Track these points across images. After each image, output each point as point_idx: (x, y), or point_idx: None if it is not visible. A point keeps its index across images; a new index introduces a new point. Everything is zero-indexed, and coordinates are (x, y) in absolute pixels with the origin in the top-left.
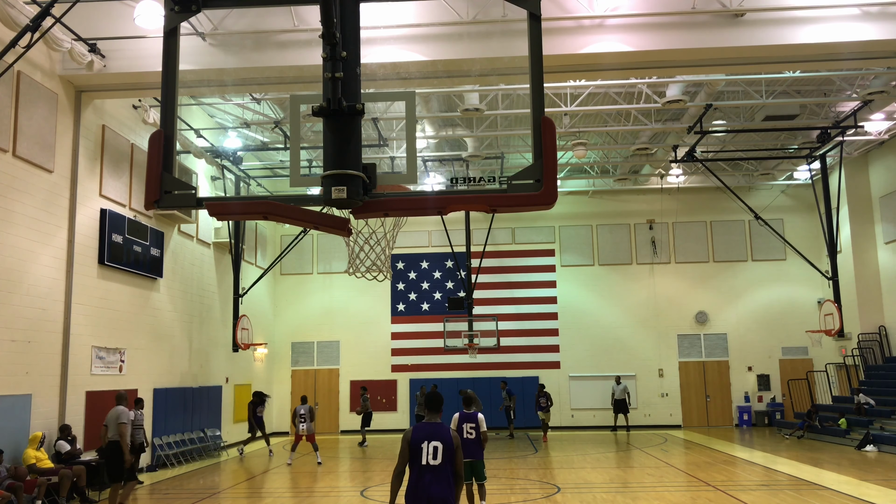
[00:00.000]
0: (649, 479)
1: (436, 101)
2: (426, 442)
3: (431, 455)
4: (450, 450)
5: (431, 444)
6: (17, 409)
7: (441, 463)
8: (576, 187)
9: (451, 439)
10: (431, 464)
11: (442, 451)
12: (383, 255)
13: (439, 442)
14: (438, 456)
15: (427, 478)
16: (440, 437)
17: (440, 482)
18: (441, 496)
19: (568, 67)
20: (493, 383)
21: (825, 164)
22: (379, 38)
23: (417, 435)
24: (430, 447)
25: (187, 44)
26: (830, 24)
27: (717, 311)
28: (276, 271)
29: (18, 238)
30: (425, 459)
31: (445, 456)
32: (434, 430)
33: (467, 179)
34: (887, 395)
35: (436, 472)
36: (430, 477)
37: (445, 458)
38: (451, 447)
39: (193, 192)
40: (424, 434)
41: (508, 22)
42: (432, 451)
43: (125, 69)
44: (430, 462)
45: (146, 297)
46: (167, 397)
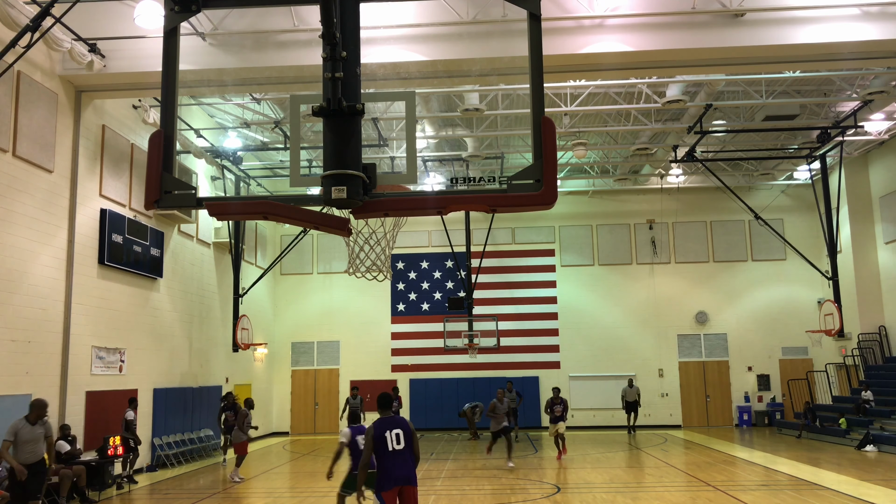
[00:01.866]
0: (649, 479)
1: (436, 101)
2: (389, 431)
3: (395, 441)
4: (409, 435)
5: (394, 432)
6: (17, 409)
7: (404, 447)
8: (576, 187)
9: (409, 426)
10: (396, 448)
11: (404, 437)
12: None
13: (400, 429)
14: (402, 441)
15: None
16: (400, 425)
17: (405, 463)
18: (405, 475)
19: (568, 67)
20: (494, 383)
21: (825, 164)
22: (379, 38)
23: (380, 428)
24: (392, 435)
25: (187, 44)
26: (830, 24)
27: (717, 311)
28: (276, 271)
29: (18, 238)
30: (391, 446)
31: (406, 440)
32: (393, 421)
33: (467, 179)
34: (887, 395)
35: (400, 455)
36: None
37: (406, 442)
38: (410, 432)
39: (193, 192)
40: (386, 426)
41: (508, 22)
42: (395, 437)
43: (125, 69)
44: (395, 447)
45: (146, 297)
46: (167, 397)
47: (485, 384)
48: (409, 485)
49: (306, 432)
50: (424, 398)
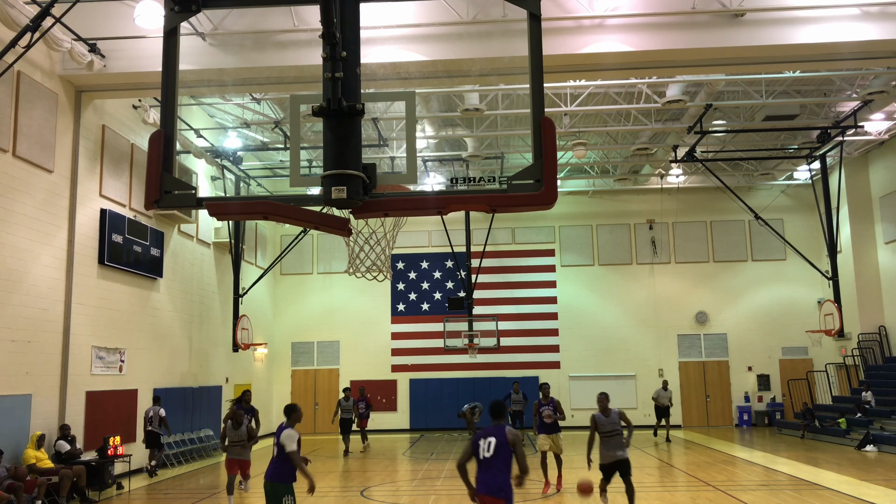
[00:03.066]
0: (649, 479)
1: (436, 101)
2: (484, 439)
3: (486, 449)
4: (501, 444)
5: (488, 440)
6: (17, 409)
7: (491, 456)
8: (576, 187)
9: (506, 435)
10: (485, 457)
11: (495, 446)
12: (383, 255)
13: (494, 437)
14: (491, 449)
15: (479, 469)
16: (495, 433)
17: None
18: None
19: (568, 67)
20: (494, 383)
21: (825, 164)
22: (379, 38)
23: (478, 435)
24: (485, 443)
25: (187, 44)
26: (830, 24)
27: (717, 311)
28: (276, 271)
29: (18, 238)
30: (482, 454)
31: (496, 450)
32: (494, 429)
33: (467, 179)
34: (887, 395)
35: (486, 463)
36: (482, 469)
37: (496, 451)
38: (504, 441)
39: (193, 192)
40: (483, 434)
41: (508, 22)
42: (487, 445)
43: (125, 69)
44: (484, 455)
45: (146, 297)
46: (167, 397)
47: (485, 384)
48: (489, 495)
49: (306, 432)
50: (424, 398)
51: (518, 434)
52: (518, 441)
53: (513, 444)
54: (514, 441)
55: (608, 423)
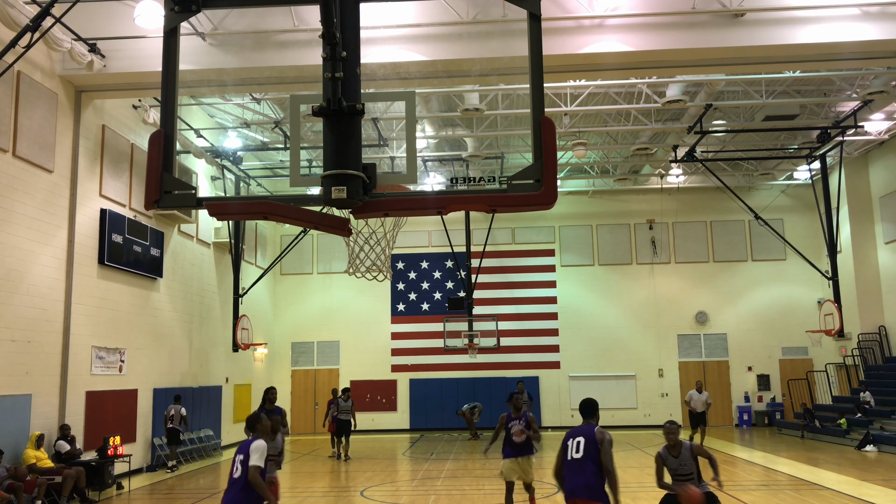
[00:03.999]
0: (649, 479)
1: (436, 101)
2: (572, 438)
3: (574, 449)
4: (590, 443)
5: (576, 440)
6: (17, 409)
7: (582, 456)
8: (576, 187)
9: (594, 434)
10: (574, 457)
11: (584, 445)
12: (383, 255)
13: (582, 437)
14: (580, 450)
15: (568, 471)
16: (584, 433)
17: (576, 474)
18: (572, 487)
19: (568, 67)
20: (494, 383)
21: (825, 164)
22: (379, 38)
23: (567, 435)
24: (573, 443)
25: (187, 44)
26: (830, 24)
27: (717, 311)
28: (276, 271)
29: (18, 238)
30: (570, 454)
31: (586, 450)
32: (582, 428)
33: (467, 179)
34: (887, 395)
35: (575, 464)
36: (570, 470)
37: (586, 451)
38: (593, 440)
39: (193, 192)
40: (572, 433)
41: (508, 22)
42: (575, 445)
43: (125, 69)
44: (573, 456)
45: (146, 297)
46: (167, 397)
47: (485, 384)
48: (579, 498)
49: (306, 432)
50: (424, 398)
51: (608, 434)
52: (606, 441)
53: (600, 442)
54: (601, 440)
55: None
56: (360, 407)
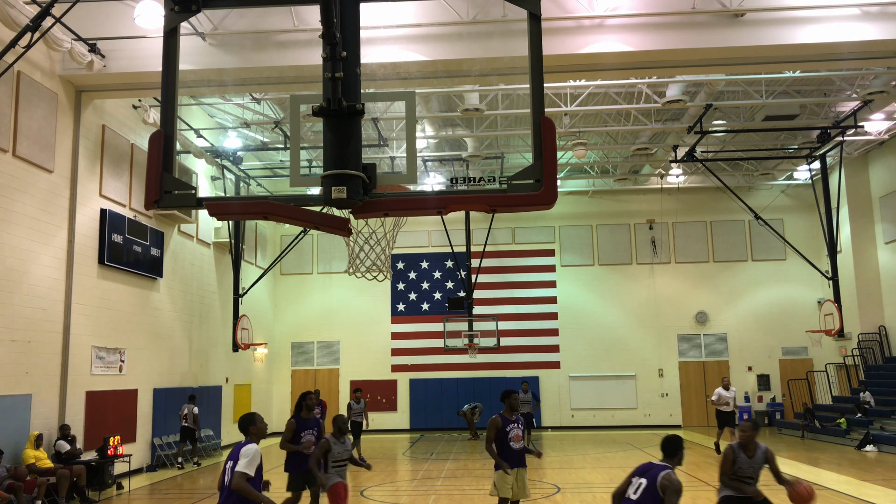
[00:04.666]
0: None
1: (436, 101)
2: (636, 476)
3: (634, 489)
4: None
5: (639, 480)
6: (17, 409)
7: (638, 500)
8: (576, 187)
9: (655, 479)
10: (631, 497)
11: (644, 489)
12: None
13: (645, 479)
14: (639, 492)
15: None
16: (649, 474)
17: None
18: None
19: (568, 67)
20: (494, 383)
21: (825, 164)
22: (379, 38)
23: (636, 470)
24: (636, 482)
25: (187, 44)
26: (830, 24)
27: (717, 311)
28: (276, 271)
29: (18, 238)
30: (629, 492)
31: (645, 495)
32: (648, 468)
33: (467, 179)
34: (887, 395)
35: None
36: None
37: (644, 497)
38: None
39: (193, 192)
40: (640, 470)
41: (508, 22)
42: (637, 486)
43: (125, 69)
44: (630, 496)
45: (146, 297)
46: (167, 397)
47: (485, 384)
48: None
49: None
50: (424, 398)
51: (675, 484)
52: (671, 491)
53: (662, 490)
54: (664, 488)
55: (751, 466)
56: None
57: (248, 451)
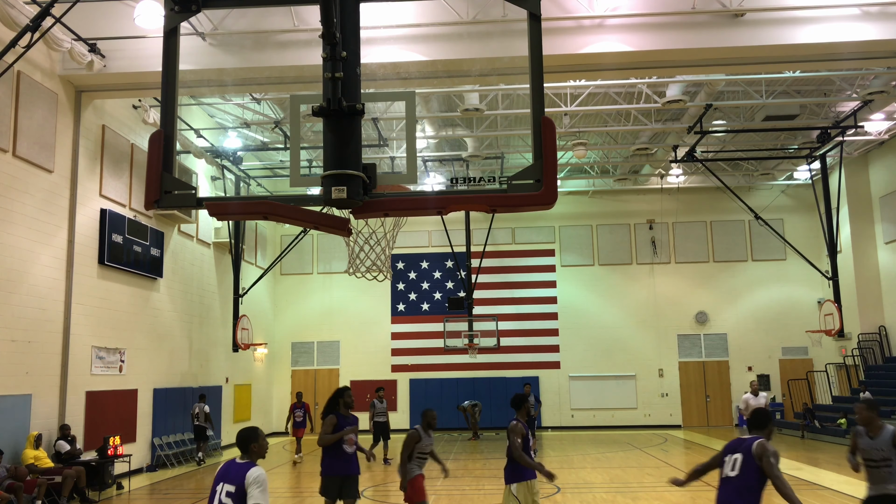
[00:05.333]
0: (649, 479)
1: (436, 101)
2: (729, 454)
3: (730, 467)
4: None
5: (732, 457)
6: (17, 409)
7: (738, 475)
8: (576, 187)
9: (750, 450)
10: (730, 475)
11: (741, 463)
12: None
13: (740, 454)
14: (736, 468)
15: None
16: (742, 448)
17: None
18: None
19: (568, 67)
20: (494, 383)
21: (825, 164)
22: (379, 38)
23: (726, 448)
24: (730, 459)
25: (187, 44)
26: (830, 24)
27: (717, 311)
28: (276, 271)
29: (18, 238)
30: (725, 471)
31: (743, 468)
32: (739, 443)
33: (467, 179)
34: (887, 395)
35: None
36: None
37: (743, 470)
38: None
39: (193, 192)
40: (730, 447)
41: (508, 22)
42: (732, 463)
43: (125, 69)
44: (728, 473)
45: (146, 297)
46: (167, 397)
47: (485, 384)
48: None
49: (307, 432)
50: (424, 398)
51: (771, 449)
52: (769, 454)
53: (758, 458)
54: (760, 455)
55: (874, 448)
56: (360, 407)
57: (261, 479)
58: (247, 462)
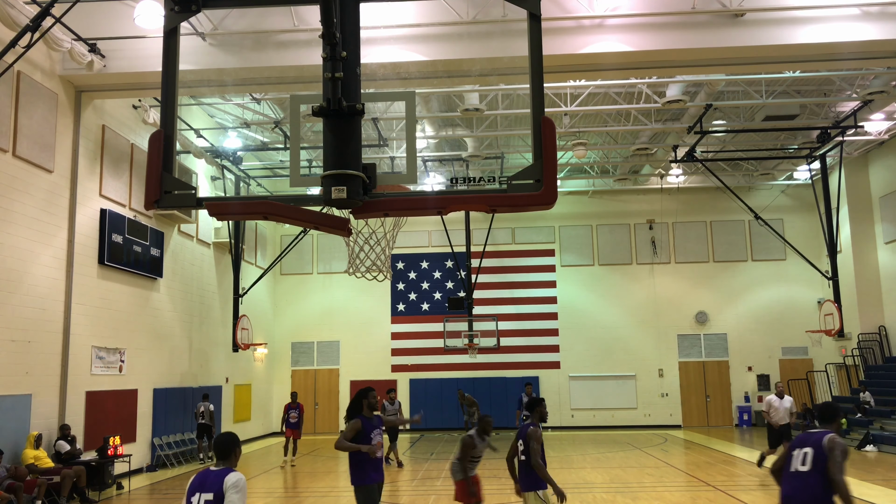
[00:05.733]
0: (649, 479)
1: (436, 101)
2: (798, 449)
3: (800, 461)
4: (818, 455)
5: (802, 451)
6: (17, 409)
7: (809, 470)
8: (576, 187)
9: (820, 444)
10: (800, 470)
11: (812, 458)
12: (383, 255)
13: (810, 448)
14: (807, 462)
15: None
16: (811, 442)
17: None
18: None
19: (568, 67)
20: (494, 383)
21: (825, 164)
22: (379, 38)
23: (794, 442)
24: (800, 454)
25: (187, 44)
26: (830, 24)
27: (717, 311)
28: (276, 271)
29: (18, 238)
30: (793, 465)
31: (814, 462)
32: (808, 437)
33: (467, 179)
34: (887, 395)
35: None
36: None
37: (814, 465)
38: (821, 451)
39: (193, 192)
40: (798, 441)
41: (508, 22)
42: (801, 457)
43: (125, 69)
44: (798, 468)
45: (146, 297)
46: (167, 397)
47: (485, 384)
48: None
49: (306, 432)
50: (424, 398)
51: (841, 443)
52: (839, 450)
53: (829, 451)
54: (830, 449)
55: None
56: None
57: (240, 484)
58: (224, 468)
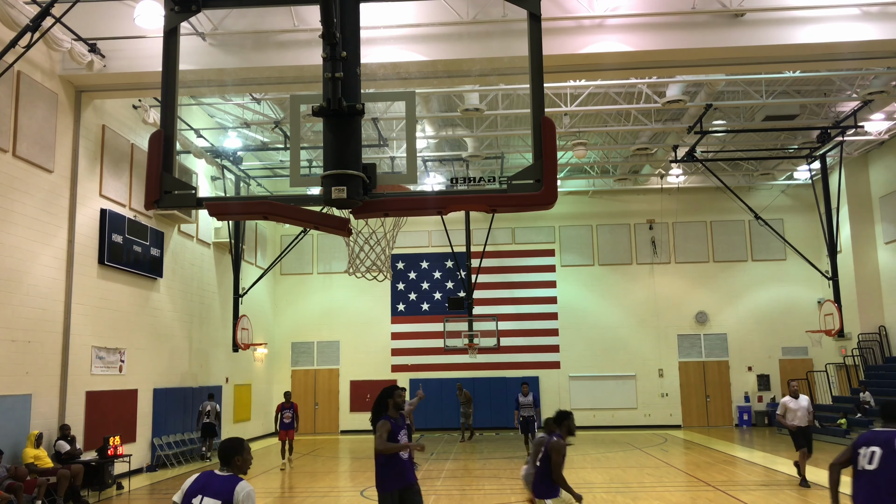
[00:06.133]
0: (649, 479)
1: (436, 101)
2: (864, 446)
3: (867, 460)
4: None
5: (869, 449)
6: (17, 409)
7: (877, 468)
8: (576, 187)
9: (891, 444)
10: (867, 468)
11: (881, 457)
12: (383, 255)
13: (878, 447)
14: (875, 461)
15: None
16: (879, 440)
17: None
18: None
19: (568, 67)
20: (494, 383)
21: (825, 164)
22: (379, 38)
23: (859, 439)
24: (867, 452)
25: (187, 44)
26: (830, 24)
27: (717, 311)
28: (276, 271)
29: (18, 238)
30: (861, 464)
31: (883, 461)
32: (875, 435)
33: (467, 179)
34: (887, 395)
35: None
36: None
37: (883, 463)
38: (892, 451)
39: (193, 192)
40: (864, 440)
41: (508, 22)
42: (869, 455)
43: (125, 69)
44: (865, 467)
45: (146, 297)
46: (167, 397)
47: (485, 384)
48: None
49: (306, 432)
50: (424, 398)
51: None
52: None
53: None
54: None
55: None
56: (360, 407)
57: (252, 496)
58: (231, 475)
